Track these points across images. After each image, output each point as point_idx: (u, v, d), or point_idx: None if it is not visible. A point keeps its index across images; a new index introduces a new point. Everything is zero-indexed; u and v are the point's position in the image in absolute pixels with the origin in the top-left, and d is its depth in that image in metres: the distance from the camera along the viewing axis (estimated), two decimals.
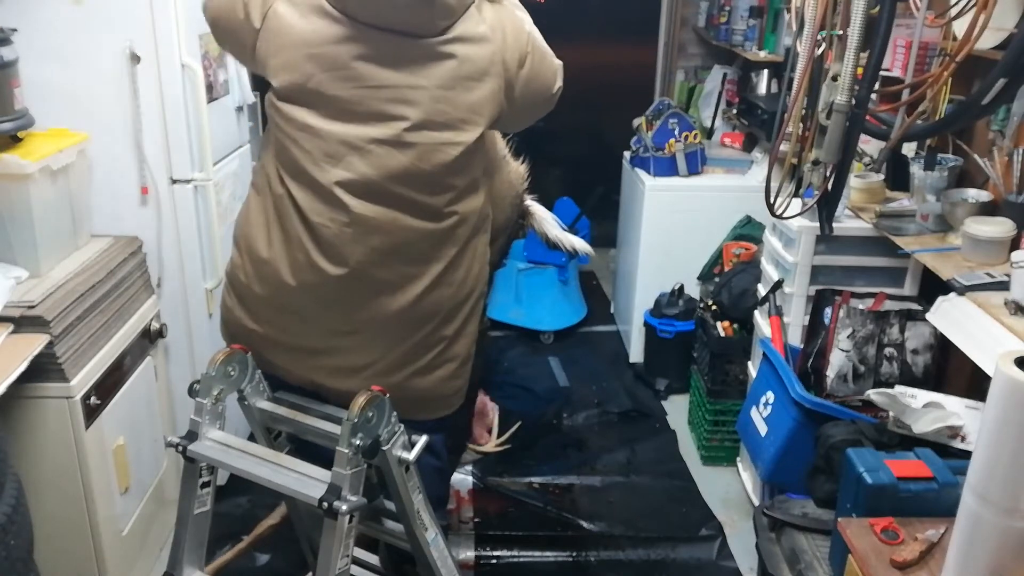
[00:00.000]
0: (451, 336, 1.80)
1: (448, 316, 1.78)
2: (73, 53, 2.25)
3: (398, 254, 1.67)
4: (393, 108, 1.58)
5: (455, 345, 1.82)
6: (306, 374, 1.79)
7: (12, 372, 1.78)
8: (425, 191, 1.65)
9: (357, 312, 1.71)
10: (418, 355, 1.77)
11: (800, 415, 2.23)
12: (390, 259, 1.67)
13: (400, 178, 1.61)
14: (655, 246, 3.60)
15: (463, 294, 1.79)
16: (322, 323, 1.73)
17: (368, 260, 1.66)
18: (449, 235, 1.71)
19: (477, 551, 2.57)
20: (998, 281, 1.85)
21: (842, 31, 2.03)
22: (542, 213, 2.34)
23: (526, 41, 1.68)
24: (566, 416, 3.38)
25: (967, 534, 1.35)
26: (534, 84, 1.71)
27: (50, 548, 1.98)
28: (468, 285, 1.79)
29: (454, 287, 1.76)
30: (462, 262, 1.76)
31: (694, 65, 4.62)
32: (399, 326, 1.73)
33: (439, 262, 1.71)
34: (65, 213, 2.21)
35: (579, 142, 5.26)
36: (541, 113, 1.82)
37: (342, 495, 1.53)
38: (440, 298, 1.74)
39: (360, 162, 1.60)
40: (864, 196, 2.52)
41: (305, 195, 1.64)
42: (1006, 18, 1.84)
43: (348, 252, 1.64)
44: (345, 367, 1.76)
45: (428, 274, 1.71)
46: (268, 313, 1.76)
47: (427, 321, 1.75)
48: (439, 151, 1.61)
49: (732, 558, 2.57)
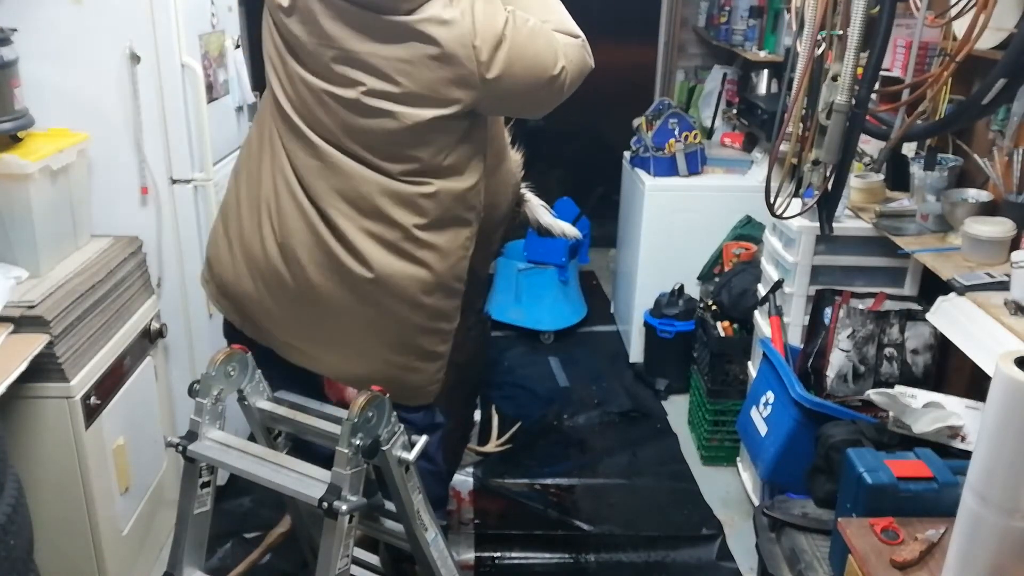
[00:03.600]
0: (422, 326, 1.79)
1: (417, 303, 1.76)
2: (73, 53, 2.25)
3: (356, 204, 1.69)
4: (351, 72, 1.62)
5: (426, 337, 1.82)
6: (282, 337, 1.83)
7: (12, 372, 1.77)
8: (381, 155, 1.67)
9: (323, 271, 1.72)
10: (387, 335, 1.78)
11: (800, 415, 2.23)
12: (350, 209, 1.69)
13: (356, 138, 1.66)
14: (655, 246, 3.59)
15: (435, 282, 1.77)
16: (287, 289, 1.75)
17: (329, 202, 1.68)
18: (412, 201, 1.70)
19: (477, 552, 2.57)
20: (998, 281, 1.85)
21: (842, 31, 2.03)
22: (535, 200, 2.43)
23: (503, 23, 1.65)
24: (566, 416, 3.38)
25: (967, 534, 1.35)
26: (519, 66, 1.66)
27: (50, 548, 1.98)
28: (441, 273, 1.77)
29: (424, 268, 1.74)
30: (433, 241, 1.74)
31: (694, 65, 4.62)
32: (367, 299, 1.73)
33: (400, 229, 1.70)
34: (65, 213, 2.21)
35: (579, 142, 5.26)
36: (546, 97, 1.75)
37: (342, 495, 1.53)
38: (406, 275, 1.73)
39: (320, 111, 1.66)
40: (864, 196, 2.52)
41: (288, 140, 1.70)
42: (1006, 18, 1.84)
43: (312, 185, 1.68)
44: (320, 339, 1.78)
45: (390, 238, 1.70)
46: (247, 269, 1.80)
47: (397, 299, 1.74)
48: (397, 119, 1.63)
49: (732, 558, 2.57)
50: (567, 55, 1.72)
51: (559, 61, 1.70)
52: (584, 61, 1.76)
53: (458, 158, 1.73)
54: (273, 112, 1.73)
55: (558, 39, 1.72)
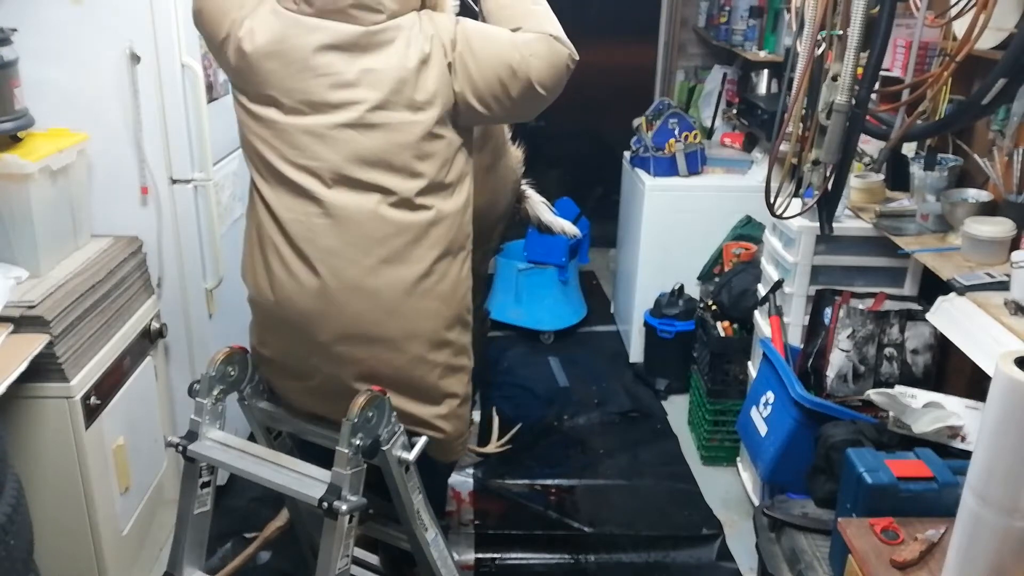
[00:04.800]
0: (444, 365, 1.74)
1: (437, 340, 1.71)
2: (73, 53, 2.25)
3: (373, 250, 1.62)
4: (352, 93, 1.59)
5: (449, 378, 1.76)
6: (300, 398, 1.80)
7: (12, 372, 1.77)
8: (393, 174, 1.61)
9: (336, 321, 1.65)
10: (409, 380, 1.71)
11: (800, 415, 2.23)
12: (366, 255, 1.62)
13: (367, 160, 1.60)
14: (655, 246, 3.59)
15: (450, 314, 1.72)
16: (303, 339, 1.69)
17: (343, 256, 1.62)
18: (426, 233, 1.65)
19: (477, 552, 2.57)
20: (998, 281, 1.85)
21: (842, 31, 2.03)
22: (536, 197, 2.44)
23: (454, 22, 1.66)
24: (566, 417, 3.38)
25: (967, 534, 1.35)
26: (481, 57, 1.63)
27: (50, 548, 1.98)
28: (455, 304, 1.73)
29: (438, 301, 1.69)
30: (447, 273, 1.70)
31: (694, 65, 4.62)
32: (383, 342, 1.67)
33: (418, 263, 1.65)
34: (65, 213, 2.21)
35: (579, 142, 5.26)
36: (518, 92, 1.66)
37: (342, 495, 1.53)
38: (424, 311, 1.68)
39: (326, 150, 1.60)
40: (864, 196, 2.52)
41: (276, 193, 1.64)
42: (1006, 18, 1.84)
43: (322, 248, 1.62)
44: (331, 391, 1.72)
45: (407, 277, 1.65)
46: (266, 335, 1.77)
47: (413, 338, 1.68)
48: (402, 131, 1.60)
49: (732, 558, 2.57)
50: (530, 47, 1.65)
51: (518, 51, 1.64)
52: (553, 52, 1.67)
53: (457, 174, 1.70)
54: (267, 194, 1.66)
55: (515, 36, 1.67)
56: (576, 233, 2.63)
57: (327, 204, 1.60)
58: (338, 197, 1.61)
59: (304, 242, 1.62)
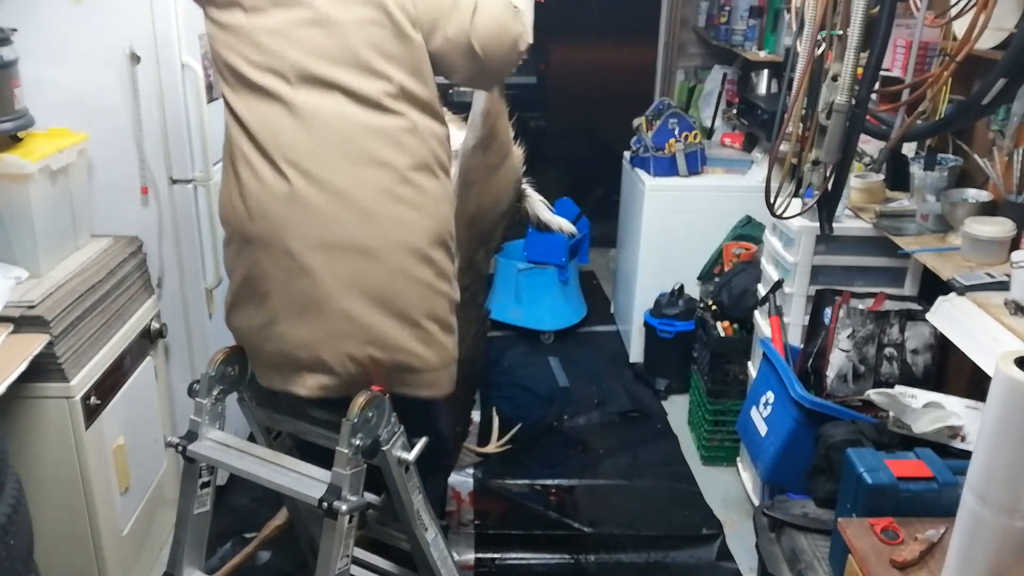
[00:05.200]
0: (426, 284, 1.65)
1: (425, 256, 1.64)
2: (73, 53, 2.25)
3: (343, 150, 1.58)
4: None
5: (431, 300, 1.67)
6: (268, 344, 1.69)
7: (12, 372, 1.77)
8: (358, 72, 1.57)
9: (309, 227, 1.58)
10: (390, 295, 1.62)
11: (800, 415, 2.23)
12: (335, 156, 1.58)
13: (329, 57, 1.57)
14: (655, 246, 3.59)
15: (433, 230, 1.65)
16: (274, 252, 1.61)
17: (312, 158, 1.57)
18: (399, 140, 1.60)
19: (477, 553, 2.57)
20: (998, 281, 1.85)
21: (842, 31, 2.03)
22: (535, 196, 2.46)
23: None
24: (567, 417, 3.38)
25: (967, 534, 1.35)
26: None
27: (50, 548, 1.98)
28: (438, 221, 1.66)
29: (418, 212, 1.62)
30: (426, 187, 1.64)
31: (694, 65, 4.62)
32: (363, 251, 1.60)
33: (393, 169, 1.59)
34: (65, 213, 2.21)
35: (579, 142, 5.26)
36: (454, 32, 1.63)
37: (342, 495, 1.53)
38: (403, 220, 1.61)
39: (289, 47, 1.57)
40: (864, 196, 2.52)
41: (243, 99, 1.62)
42: (1006, 18, 1.84)
43: (290, 150, 1.58)
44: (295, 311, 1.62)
45: (382, 181, 1.59)
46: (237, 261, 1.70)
47: (395, 248, 1.61)
48: (364, 29, 1.57)
49: (732, 558, 2.57)
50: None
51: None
52: (505, 16, 1.65)
53: (430, 94, 1.65)
54: (235, 103, 1.63)
55: None
56: (573, 231, 2.64)
57: (292, 104, 1.57)
58: (303, 97, 1.57)
59: (271, 146, 1.59)
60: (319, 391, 1.67)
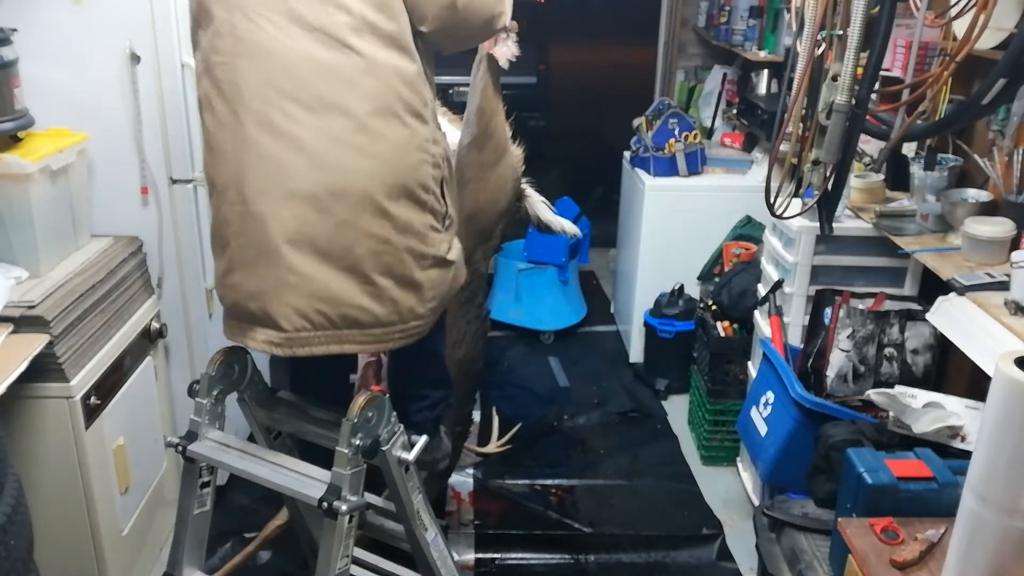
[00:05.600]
0: (380, 238, 1.58)
1: (381, 209, 1.56)
2: (73, 53, 2.25)
3: (296, 94, 1.52)
4: None
5: (386, 256, 1.59)
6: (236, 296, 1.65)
7: (12, 372, 1.77)
8: (317, 3, 1.51)
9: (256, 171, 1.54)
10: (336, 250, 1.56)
11: (800, 415, 2.23)
12: (287, 99, 1.53)
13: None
14: (655, 246, 3.59)
15: (392, 180, 1.57)
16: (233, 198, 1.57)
17: (264, 98, 1.53)
18: (355, 82, 1.53)
19: (477, 553, 2.57)
20: (998, 281, 1.85)
21: (842, 31, 2.03)
22: (535, 196, 2.45)
23: None
24: (567, 417, 3.38)
25: (967, 534, 1.35)
26: None
27: (50, 548, 1.98)
28: (399, 171, 1.58)
29: (374, 161, 1.55)
30: (386, 133, 1.56)
31: (694, 65, 4.62)
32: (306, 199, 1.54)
33: (347, 116, 1.53)
34: (65, 213, 2.21)
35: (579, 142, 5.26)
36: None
37: (342, 495, 1.53)
38: (354, 168, 1.54)
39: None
40: (864, 196, 2.52)
41: (208, 38, 1.59)
42: (1006, 18, 1.84)
43: (244, 88, 1.53)
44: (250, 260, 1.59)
45: (334, 128, 1.53)
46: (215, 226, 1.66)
47: (340, 198, 1.54)
48: None
49: (732, 558, 2.57)
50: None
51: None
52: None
53: (398, 28, 1.56)
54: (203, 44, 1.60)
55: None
56: (575, 232, 2.64)
57: (249, 41, 1.53)
58: (260, 33, 1.53)
59: (228, 85, 1.56)
60: (266, 346, 1.63)
